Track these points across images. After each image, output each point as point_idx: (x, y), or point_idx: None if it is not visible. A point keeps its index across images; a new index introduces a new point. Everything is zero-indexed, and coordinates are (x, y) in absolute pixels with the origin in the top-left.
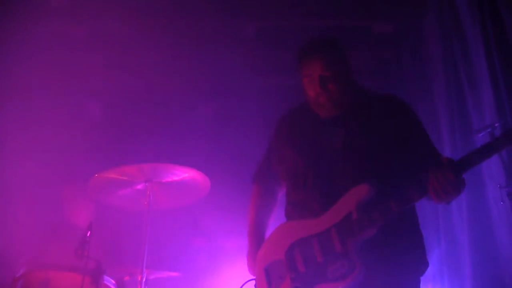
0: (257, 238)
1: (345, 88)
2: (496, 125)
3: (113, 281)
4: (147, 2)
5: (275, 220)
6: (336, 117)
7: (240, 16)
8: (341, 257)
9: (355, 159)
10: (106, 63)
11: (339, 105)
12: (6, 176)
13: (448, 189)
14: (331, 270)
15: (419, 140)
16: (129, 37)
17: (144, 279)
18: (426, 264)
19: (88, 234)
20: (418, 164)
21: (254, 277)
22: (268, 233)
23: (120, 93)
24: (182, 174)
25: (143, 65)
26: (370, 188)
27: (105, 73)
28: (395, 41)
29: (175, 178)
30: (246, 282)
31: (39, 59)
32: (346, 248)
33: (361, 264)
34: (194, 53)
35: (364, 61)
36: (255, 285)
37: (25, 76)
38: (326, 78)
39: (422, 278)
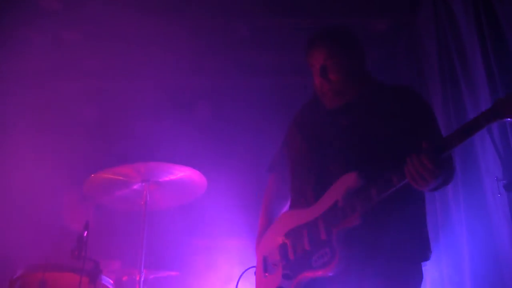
0: (266, 224)
1: (348, 78)
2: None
3: (111, 281)
4: (140, 5)
5: None
6: (341, 107)
7: (234, 16)
8: (324, 245)
9: (350, 149)
10: (102, 65)
11: (341, 96)
12: (3, 179)
13: (424, 175)
14: (315, 258)
15: (427, 133)
16: (123, 39)
17: (142, 279)
18: (428, 250)
19: (85, 234)
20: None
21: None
22: None
23: (116, 94)
24: (179, 173)
25: (138, 66)
26: (358, 177)
27: (101, 74)
28: (390, 38)
29: (172, 177)
30: (247, 270)
31: (33, 63)
32: (330, 237)
33: (341, 253)
34: (188, 53)
35: None
36: (255, 272)
37: (20, 79)
38: (326, 67)
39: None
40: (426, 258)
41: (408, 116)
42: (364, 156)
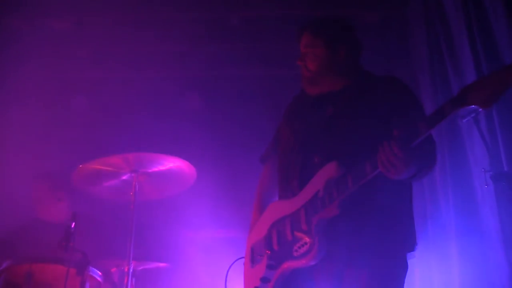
0: (259, 215)
1: (325, 70)
2: (480, 110)
3: (99, 273)
4: None
5: None
6: (320, 96)
7: (224, 6)
8: (305, 235)
9: (333, 140)
10: (92, 55)
11: (316, 85)
12: None
13: (395, 163)
14: (296, 248)
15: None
16: (113, 29)
17: (131, 270)
18: (413, 241)
19: (72, 226)
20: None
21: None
22: None
23: (106, 84)
24: (168, 163)
25: (128, 56)
26: (338, 166)
27: (90, 64)
28: (381, 29)
29: (161, 168)
30: (236, 260)
31: (22, 53)
32: (310, 227)
33: (320, 243)
34: (179, 43)
35: None
36: (244, 263)
37: (9, 69)
38: (305, 55)
39: (408, 262)
40: (411, 249)
41: (393, 106)
42: (347, 147)
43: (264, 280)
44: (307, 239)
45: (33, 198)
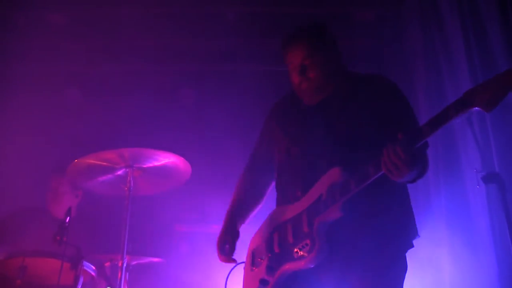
0: (229, 224)
1: (326, 75)
2: (485, 112)
3: (93, 267)
4: None
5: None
6: (318, 104)
7: (220, 2)
8: (306, 237)
9: (334, 145)
10: (87, 49)
11: (320, 91)
12: None
13: (399, 165)
14: (296, 250)
15: (403, 121)
16: (109, 23)
17: (125, 265)
18: (414, 236)
19: (67, 220)
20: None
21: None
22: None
23: (101, 79)
24: (163, 159)
25: (124, 51)
26: (342, 172)
27: (86, 59)
28: (376, 28)
29: (156, 163)
30: (236, 265)
31: (18, 46)
32: (311, 228)
33: (321, 244)
34: (175, 39)
35: (344, 49)
36: (244, 267)
37: (4, 63)
38: (306, 66)
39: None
40: (411, 245)
41: (383, 105)
42: (348, 151)
43: (263, 282)
44: (308, 241)
45: (51, 189)
